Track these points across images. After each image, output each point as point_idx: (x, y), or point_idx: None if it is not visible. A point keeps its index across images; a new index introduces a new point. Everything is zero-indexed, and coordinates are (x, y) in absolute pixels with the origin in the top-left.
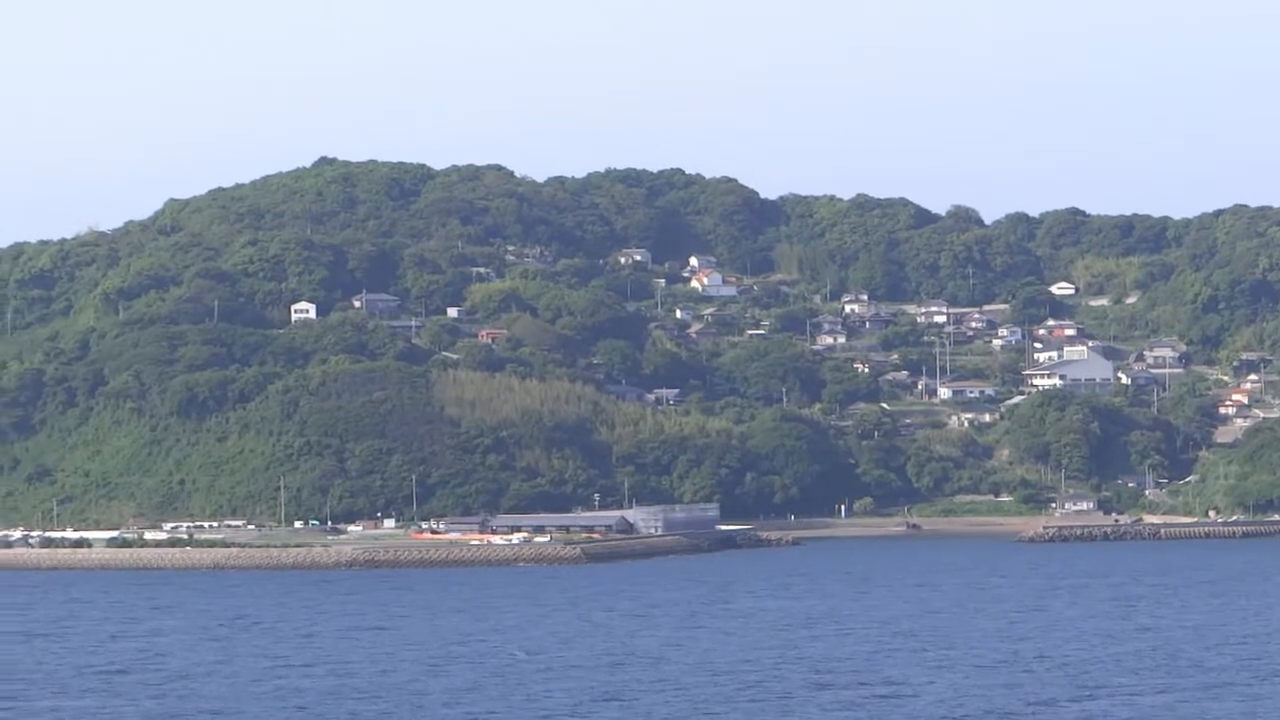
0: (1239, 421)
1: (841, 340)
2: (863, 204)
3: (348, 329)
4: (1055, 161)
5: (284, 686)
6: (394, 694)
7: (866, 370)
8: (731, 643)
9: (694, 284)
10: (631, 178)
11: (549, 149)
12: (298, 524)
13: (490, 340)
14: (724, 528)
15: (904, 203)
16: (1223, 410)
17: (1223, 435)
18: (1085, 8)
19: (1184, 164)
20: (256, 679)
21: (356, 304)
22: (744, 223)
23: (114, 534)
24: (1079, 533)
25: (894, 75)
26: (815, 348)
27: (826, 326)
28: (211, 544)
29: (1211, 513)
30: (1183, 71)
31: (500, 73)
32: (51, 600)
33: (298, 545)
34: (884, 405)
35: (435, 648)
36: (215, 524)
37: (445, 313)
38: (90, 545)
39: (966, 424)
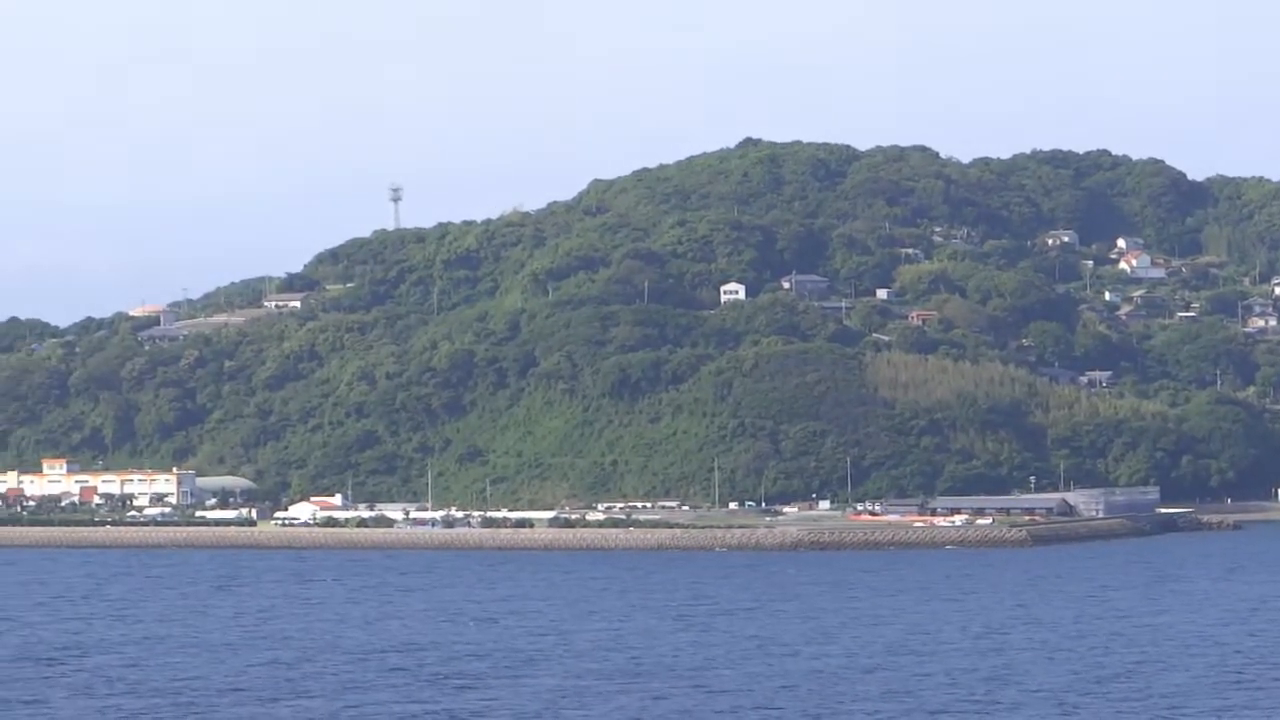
0: None
1: (1273, 323)
2: None
3: (778, 310)
4: None
5: None
6: None
7: None
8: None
9: (1122, 266)
10: (1058, 159)
11: (971, 130)
12: (732, 505)
13: (921, 322)
14: (1164, 510)
15: None
16: None
17: None
18: None
19: None
20: None
21: (785, 285)
22: (1171, 204)
23: (553, 514)
24: None
25: None
26: (1247, 330)
27: (1257, 309)
28: (654, 524)
29: None
30: None
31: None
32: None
33: (740, 526)
34: None
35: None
36: (649, 505)
37: (874, 294)
38: (532, 525)
39: None
